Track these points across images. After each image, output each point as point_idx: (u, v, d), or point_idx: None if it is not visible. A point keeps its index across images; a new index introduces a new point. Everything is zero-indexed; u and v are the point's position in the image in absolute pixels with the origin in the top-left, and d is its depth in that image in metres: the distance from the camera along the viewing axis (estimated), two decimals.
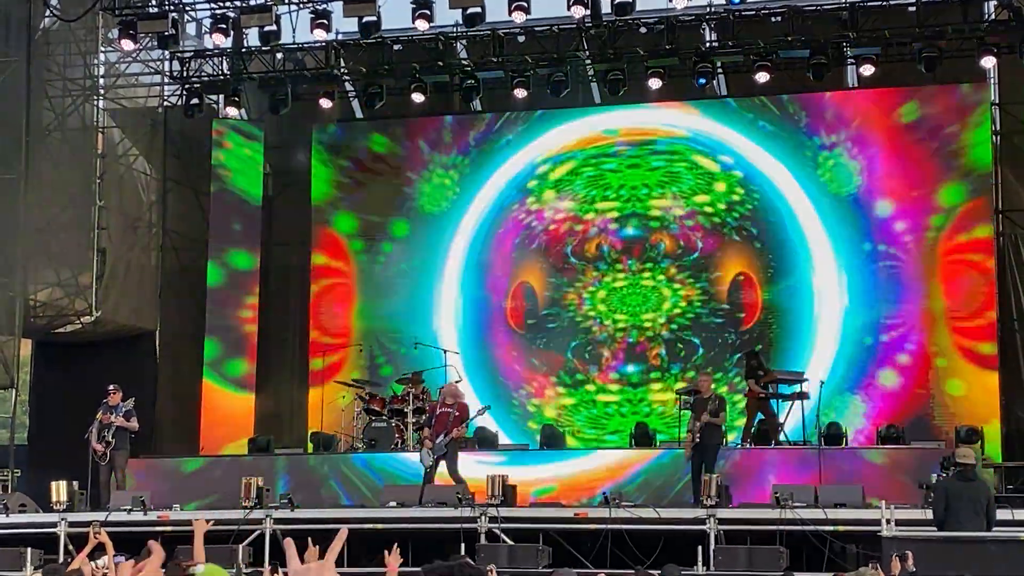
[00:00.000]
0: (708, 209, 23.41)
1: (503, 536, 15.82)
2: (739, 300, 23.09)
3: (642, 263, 23.56)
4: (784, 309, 22.81)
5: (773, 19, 21.53)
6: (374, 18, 21.11)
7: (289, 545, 3.27)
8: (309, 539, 4.73)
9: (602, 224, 23.79)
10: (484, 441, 20.38)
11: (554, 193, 23.98)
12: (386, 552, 7.15)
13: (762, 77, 21.48)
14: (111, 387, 18.75)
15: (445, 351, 21.15)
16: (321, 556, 3.48)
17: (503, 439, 21.68)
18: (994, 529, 13.07)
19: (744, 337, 22.73)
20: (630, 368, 23.46)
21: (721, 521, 15.36)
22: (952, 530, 12.72)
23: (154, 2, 22.26)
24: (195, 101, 23.16)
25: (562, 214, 23.93)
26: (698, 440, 17.27)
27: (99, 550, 11.02)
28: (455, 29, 22.28)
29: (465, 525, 15.87)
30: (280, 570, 9.89)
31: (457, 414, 17.71)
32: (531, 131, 23.92)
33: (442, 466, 17.71)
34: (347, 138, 24.55)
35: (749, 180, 23.24)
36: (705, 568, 15.05)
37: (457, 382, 20.19)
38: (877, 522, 14.04)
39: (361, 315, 24.03)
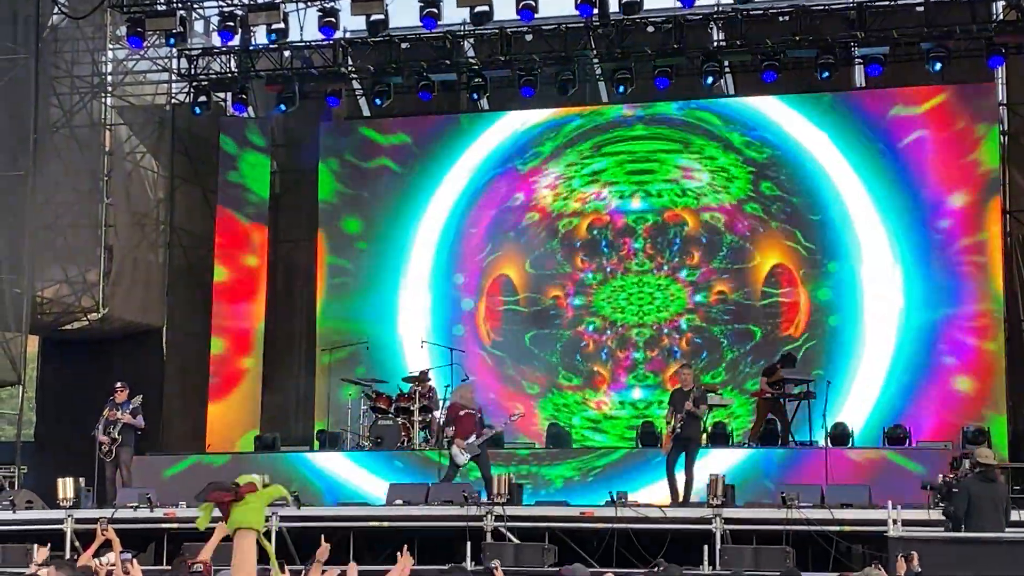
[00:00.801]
0: (735, 187, 22.59)
1: (509, 535, 15.82)
2: (776, 297, 22.40)
3: (654, 250, 22.86)
4: (832, 308, 22.03)
5: (781, 19, 21.53)
6: (382, 16, 21.15)
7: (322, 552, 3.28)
8: (322, 536, 4.73)
9: (603, 201, 23.11)
10: (491, 441, 20.33)
11: (544, 163, 23.27)
12: (399, 553, 7.15)
13: (769, 76, 21.46)
14: (118, 384, 18.77)
15: (452, 349, 21.12)
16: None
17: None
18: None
19: (788, 343, 21.74)
20: (636, 393, 22.60)
21: (727, 521, 15.35)
22: (974, 531, 12.69)
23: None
24: (203, 99, 23.20)
25: (552, 189, 23.30)
26: (679, 431, 17.10)
27: (106, 547, 11.04)
28: (463, 27, 22.29)
29: (471, 524, 15.88)
30: (286, 568, 9.88)
31: (480, 416, 17.80)
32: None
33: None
34: (354, 136, 24.52)
35: (785, 153, 22.42)
36: (711, 567, 15.04)
37: (464, 380, 20.20)
38: (883, 522, 14.04)
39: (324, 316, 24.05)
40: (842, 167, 22.24)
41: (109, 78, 23.77)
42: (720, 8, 22.00)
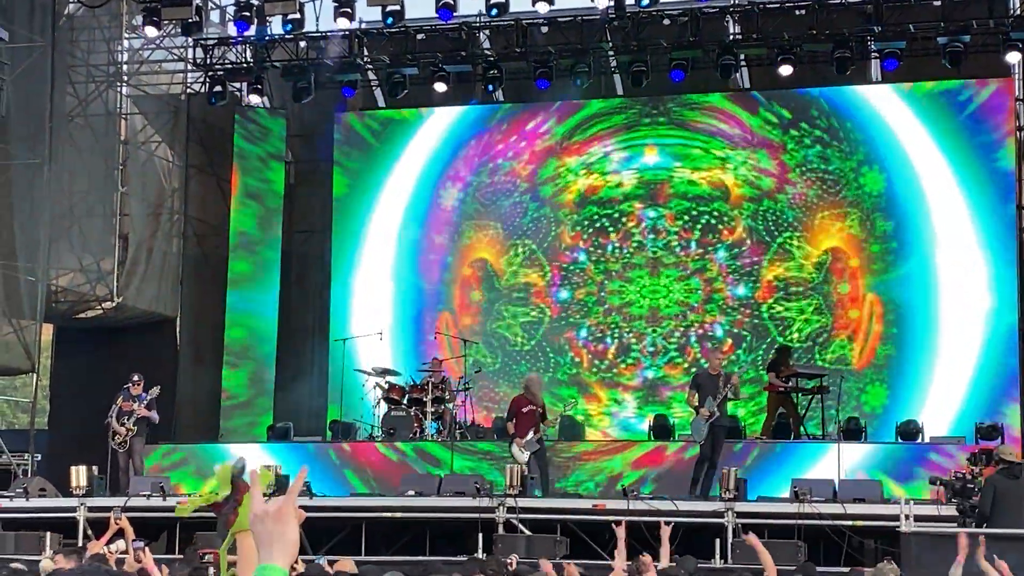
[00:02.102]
0: (780, 150, 21.57)
1: (521, 526, 15.84)
2: (830, 289, 21.31)
3: (675, 225, 21.95)
4: (903, 306, 20.82)
5: (797, 12, 21.47)
6: (398, 7, 21.16)
7: (254, 480, 3.25)
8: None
9: (608, 157, 22.36)
10: (503, 432, 20.35)
11: (529, 116, 22.52)
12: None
13: (785, 70, 21.39)
14: (135, 377, 18.83)
15: (466, 341, 21.09)
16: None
17: None
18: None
19: (842, 352, 20.66)
20: (646, 425, 20.66)
21: (739, 514, 15.37)
22: (999, 527, 12.69)
23: None
24: (218, 88, 23.19)
25: (540, 144, 22.59)
26: (716, 419, 16.84)
27: (118, 536, 11.10)
28: (478, 19, 22.28)
29: (483, 515, 15.90)
30: (300, 559, 9.91)
31: (541, 411, 17.69)
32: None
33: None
34: (368, 126, 24.48)
35: (841, 112, 21.53)
36: (723, 561, 15.05)
37: (477, 371, 20.24)
38: (896, 517, 14.03)
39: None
40: (923, 151, 21.23)
41: (125, 67, 23.82)
42: (736, 1, 21.94)
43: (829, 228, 21.59)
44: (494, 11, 21.01)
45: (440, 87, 22.58)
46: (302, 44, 23.24)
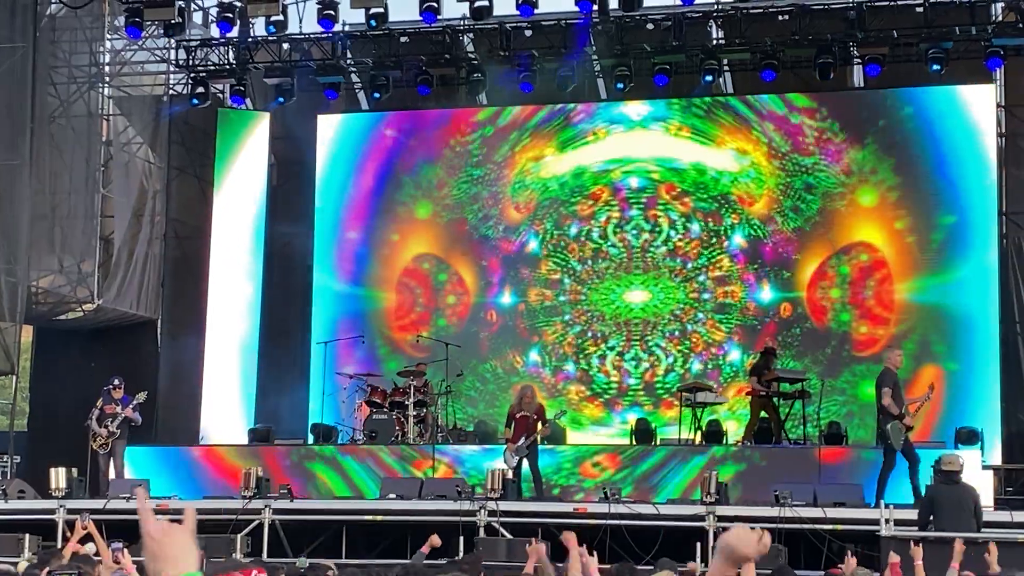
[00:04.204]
0: (805, 125, 21.38)
1: (502, 530, 15.83)
2: (857, 291, 20.82)
3: (670, 202, 21.72)
4: (951, 317, 20.26)
5: (780, 17, 21.54)
6: (381, 10, 21.17)
7: (141, 497, 3.23)
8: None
9: (574, 105, 22.40)
10: (485, 436, 20.37)
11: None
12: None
13: (768, 75, 21.43)
14: (115, 380, 18.82)
15: (448, 344, 21.07)
16: None
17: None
18: (989, 531, 13.24)
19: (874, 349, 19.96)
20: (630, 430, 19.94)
21: (720, 518, 15.37)
22: (938, 532, 12.91)
23: None
24: (200, 90, 23.16)
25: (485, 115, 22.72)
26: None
27: (87, 539, 11.10)
28: (462, 22, 22.28)
29: (464, 518, 15.88)
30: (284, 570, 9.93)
31: (536, 418, 17.83)
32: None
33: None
34: (351, 129, 24.45)
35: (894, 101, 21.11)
36: (703, 564, 15.03)
37: (459, 375, 20.25)
38: (876, 521, 14.07)
39: None
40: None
41: (107, 68, 23.75)
42: (720, 6, 22.00)
43: (866, 219, 21.01)
44: (478, 14, 21.02)
45: (423, 90, 22.60)
46: (285, 46, 23.22)
